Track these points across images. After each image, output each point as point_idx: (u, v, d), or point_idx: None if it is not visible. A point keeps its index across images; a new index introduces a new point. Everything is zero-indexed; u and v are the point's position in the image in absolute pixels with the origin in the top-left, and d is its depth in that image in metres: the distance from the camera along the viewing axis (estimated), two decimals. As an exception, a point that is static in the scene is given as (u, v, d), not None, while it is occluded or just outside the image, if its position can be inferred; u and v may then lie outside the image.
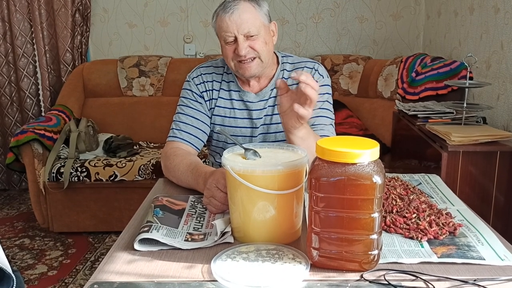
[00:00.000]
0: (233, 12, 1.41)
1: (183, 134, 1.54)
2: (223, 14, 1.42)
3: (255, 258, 0.96)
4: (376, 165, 0.89)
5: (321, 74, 1.57)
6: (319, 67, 1.57)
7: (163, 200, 1.23)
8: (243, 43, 1.42)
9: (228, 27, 1.42)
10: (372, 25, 3.60)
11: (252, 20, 1.42)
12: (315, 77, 1.54)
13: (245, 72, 1.48)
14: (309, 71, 1.55)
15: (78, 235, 2.96)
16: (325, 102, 1.54)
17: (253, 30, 1.42)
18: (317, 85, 1.18)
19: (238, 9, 1.41)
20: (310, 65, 1.57)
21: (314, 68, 1.56)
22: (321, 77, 1.56)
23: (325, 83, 1.57)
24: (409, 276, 0.90)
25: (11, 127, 3.68)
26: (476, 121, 2.17)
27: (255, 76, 1.52)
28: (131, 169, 2.84)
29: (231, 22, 1.41)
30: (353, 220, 0.90)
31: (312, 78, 1.17)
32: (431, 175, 1.48)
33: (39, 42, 3.52)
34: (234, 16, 1.41)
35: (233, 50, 1.44)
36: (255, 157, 1.10)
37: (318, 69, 1.56)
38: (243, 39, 1.42)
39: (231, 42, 1.44)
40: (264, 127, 1.57)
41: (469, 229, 1.08)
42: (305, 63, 1.57)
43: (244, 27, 1.41)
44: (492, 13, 2.38)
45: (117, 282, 0.90)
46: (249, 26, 1.42)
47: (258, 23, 1.44)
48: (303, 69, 1.55)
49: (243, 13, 1.41)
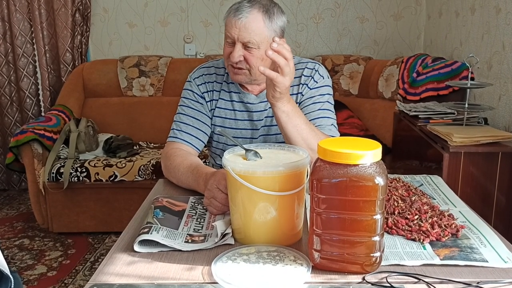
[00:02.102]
0: (241, 17, 1.39)
1: (184, 135, 1.53)
2: (232, 15, 1.41)
3: (256, 260, 0.95)
4: (378, 166, 0.88)
5: (321, 74, 1.56)
6: (319, 67, 1.56)
7: (163, 201, 1.22)
8: (238, 50, 1.41)
9: (231, 30, 1.41)
10: (373, 25, 3.60)
11: (257, 32, 1.40)
12: (315, 78, 1.53)
13: (234, 77, 1.49)
14: (310, 71, 1.54)
15: (78, 236, 2.95)
16: (325, 102, 1.53)
17: (254, 42, 1.41)
18: (289, 53, 1.20)
19: (248, 17, 1.40)
20: (310, 66, 1.56)
21: (314, 68, 1.55)
22: (321, 78, 1.55)
23: (325, 83, 1.56)
24: (411, 279, 0.89)
25: (10, 127, 3.67)
26: (478, 122, 2.16)
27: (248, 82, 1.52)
28: (131, 170, 2.83)
29: (235, 26, 1.40)
30: (355, 222, 0.89)
31: (284, 46, 1.20)
32: (433, 176, 1.47)
33: (39, 42, 3.51)
34: (240, 22, 1.40)
35: (229, 52, 1.44)
36: (256, 158, 1.09)
37: (318, 70, 1.55)
38: (240, 46, 1.41)
39: (230, 44, 1.44)
40: (264, 129, 1.57)
41: (472, 231, 1.08)
42: (305, 63, 1.56)
43: (245, 36, 1.40)
44: (494, 13, 2.37)
45: (117, 284, 0.89)
46: (251, 36, 1.40)
47: (262, 37, 1.41)
48: (303, 70, 1.54)
49: (250, 22, 1.40)
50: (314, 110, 1.51)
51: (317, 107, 1.51)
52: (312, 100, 1.52)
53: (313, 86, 1.53)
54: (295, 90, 1.54)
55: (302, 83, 1.54)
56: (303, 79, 1.54)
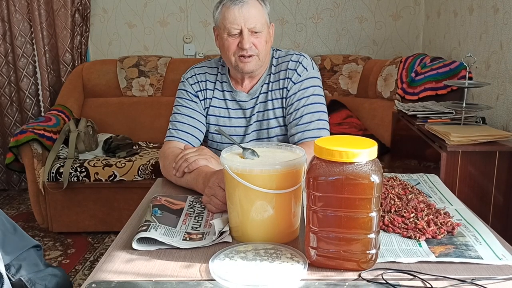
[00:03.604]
0: (242, 5, 1.42)
1: (180, 133, 1.54)
2: (232, 6, 1.42)
3: (253, 257, 0.96)
4: (374, 164, 0.89)
5: (305, 67, 1.54)
6: (303, 59, 1.55)
7: (162, 200, 1.23)
8: (248, 37, 1.43)
9: (236, 19, 1.42)
10: (371, 25, 3.60)
11: (259, 17, 1.44)
12: (299, 71, 1.53)
13: (244, 67, 1.48)
14: (294, 64, 1.54)
15: (78, 235, 2.96)
16: (310, 96, 1.52)
17: (259, 26, 1.44)
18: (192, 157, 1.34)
19: (248, 3, 1.43)
20: (295, 58, 1.55)
21: (298, 61, 1.54)
22: (305, 70, 1.54)
23: (310, 75, 1.54)
24: (407, 276, 0.90)
25: (10, 127, 3.68)
26: (476, 121, 2.17)
27: (252, 73, 1.52)
28: (131, 169, 2.84)
29: (239, 15, 1.42)
30: (351, 219, 0.90)
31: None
32: (430, 175, 1.48)
33: (38, 42, 3.52)
34: (243, 9, 1.42)
35: (236, 43, 1.45)
36: (253, 157, 1.10)
37: (302, 62, 1.54)
38: (248, 33, 1.43)
39: (235, 35, 1.44)
40: (257, 124, 1.58)
41: (467, 229, 1.08)
42: (290, 56, 1.56)
43: (251, 21, 1.43)
44: (492, 13, 2.38)
45: (115, 281, 0.90)
46: (256, 21, 1.43)
47: (263, 21, 1.46)
48: (288, 62, 1.54)
49: (251, 8, 1.43)
50: (298, 107, 1.51)
51: (301, 103, 1.51)
52: (297, 97, 1.52)
53: (297, 80, 1.53)
54: (281, 84, 1.55)
55: (287, 77, 1.54)
56: (288, 72, 1.54)
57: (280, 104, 1.56)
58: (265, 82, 1.57)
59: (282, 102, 1.56)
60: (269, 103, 1.56)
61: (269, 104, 1.56)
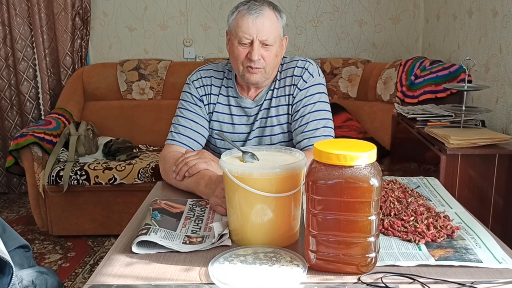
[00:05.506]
0: (258, 16, 1.40)
1: (182, 138, 1.54)
2: (247, 15, 1.41)
3: (253, 261, 0.96)
4: (373, 167, 0.89)
5: (311, 73, 1.54)
6: (309, 65, 1.55)
7: (162, 203, 1.23)
8: (258, 49, 1.42)
9: (249, 29, 1.41)
10: (371, 29, 3.61)
11: (272, 29, 1.43)
12: (305, 77, 1.53)
13: (250, 78, 1.47)
14: (300, 71, 1.54)
15: (78, 239, 2.96)
16: (316, 103, 1.52)
17: (271, 39, 1.42)
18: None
19: (264, 14, 1.41)
20: (300, 64, 1.55)
21: (304, 67, 1.54)
22: (311, 77, 1.54)
23: (316, 82, 1.54)
24: (406, 279, 0.90)
25: (11, 130, 3.68)
26: (475, 124, 2.17)
27: (257, 85, 1.52)
28: (131, 172, 2.84)
29: (253, 25, 1.40)
30: (351, 223, 0.90)
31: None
32: (430, 178, 1.48)
33: (39, 46, 3.52)
34: (257, 20, 1.40)
35: (246, 53, 1.44)
36: (253, 160, 1.10)
37: (308, 68, 1.54)
38: (259, 44, 1.42)
39: (246, 45, 1.43)
40: (259, 130, 1.58)
41: (467, 232, 1.08)
42: (296, 62, 1.56)
43: (264, 34, 1.41)
44: (491, 16, 2.38)
45: (115, 285, 0.90)
46: (268, 34, 1.42)
47: (276, 34, 1.44)
48: (294, 69, 1.54)
49: (266, 20, 1.41)
50: (304, 114, 1.51)
51: (307, 110, 1.51)
52: (303, 103, 1.52)
53: (303, 86, 1.53)
54: (287, 91, 1.54)
55: (293, 83, 1.53)
56: (294, 79, 1.53)
57: (285, 111, 1.55)
58: (270, 88, 1.56)
59: (287, 109, 1.55)
60: (273, 109, 1.55)
61: (273, 111, 1.55)
